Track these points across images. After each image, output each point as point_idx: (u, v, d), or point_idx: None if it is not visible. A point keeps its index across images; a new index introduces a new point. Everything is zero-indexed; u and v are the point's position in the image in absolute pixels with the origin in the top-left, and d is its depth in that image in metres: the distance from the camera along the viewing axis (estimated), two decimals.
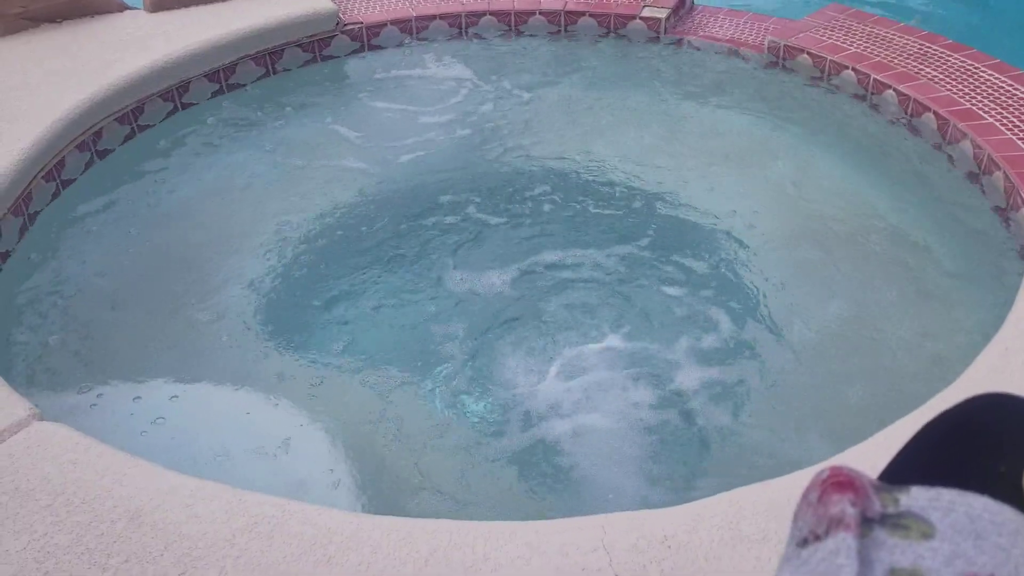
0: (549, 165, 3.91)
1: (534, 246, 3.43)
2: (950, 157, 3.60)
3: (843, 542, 0.58)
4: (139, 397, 2.72)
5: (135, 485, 1.99)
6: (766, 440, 2.55)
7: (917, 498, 0.62)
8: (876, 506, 0.61)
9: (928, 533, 0.59)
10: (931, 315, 2.96)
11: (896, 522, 0.61)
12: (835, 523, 0.60)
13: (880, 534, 0.60)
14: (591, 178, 3.82)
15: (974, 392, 0.81)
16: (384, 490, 2.42)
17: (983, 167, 3.41)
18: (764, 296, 3.12)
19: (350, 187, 3.79)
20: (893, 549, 0.59)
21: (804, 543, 0.62)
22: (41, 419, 2.22)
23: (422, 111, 4.30)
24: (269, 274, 3.31)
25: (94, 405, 2.67)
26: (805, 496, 0.65)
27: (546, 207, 3.65)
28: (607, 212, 3.61)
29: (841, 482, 0.63)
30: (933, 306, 3.00)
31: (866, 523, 0.61)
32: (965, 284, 3.07)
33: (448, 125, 4.20)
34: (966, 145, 3.52)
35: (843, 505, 0.61)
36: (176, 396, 2.74)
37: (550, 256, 3.37)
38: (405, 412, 2.71)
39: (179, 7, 4.53)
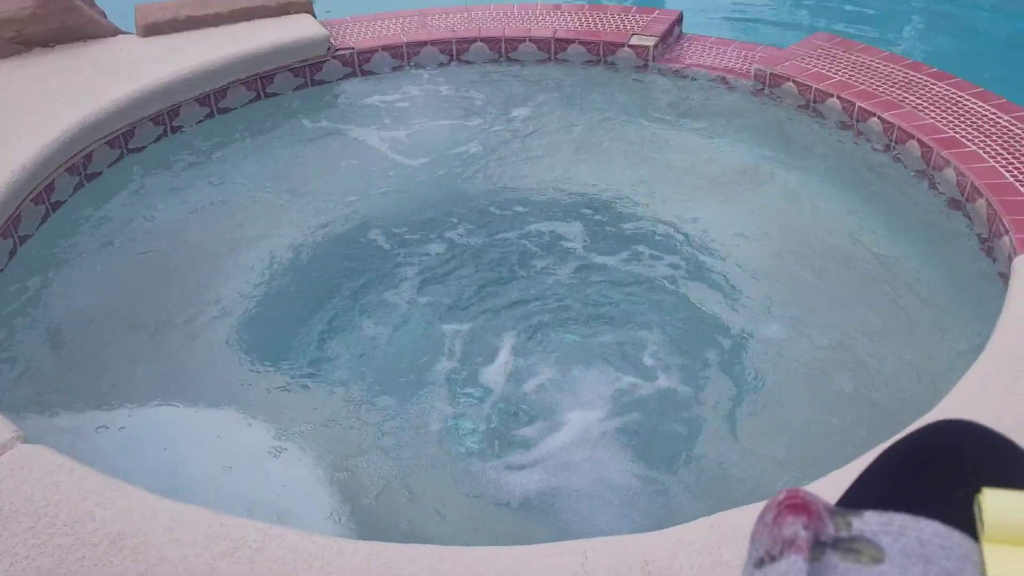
0: (537, 192, 3.94)
1: (522, 274, 3.45)
2: (934, 184, 3.63)
3: (794, 564, 0.59)
4: (123, 419, 2.72)
5: (117, 508, 1.99)
6: (747, 464, 2.56)
7: (869, 522, 0.63)
8: (830, 529, 0.62)
9: (878, 557, 0.60)
10: (914, 340, 2.99)
11: (848, 546, 0.62)
12: (788, 545, 0.61)
13: (832, 558, 0.60)
14: (579, 204, 3.84)
15: (953, 416, 0.82)
16: (366, 515, 2.41)
17: (966, 194, 3.45)
18: (748, 320, 3.14)
19: (337, 211, 3.81)
20: (844, 573, 0.59)
21: (760, 564, 0.62)
22: (25, 441, 2.22)
23: (411, 136, 4.33)
24: (255, 297, 3.32)
25: (78, 427, 2.66)
26: (761, 517, 0.66)
27: (534, 234, 3.68)
28: (592, 238, 3.63)
29: (796, 504, 0.63)
30: (916, 331, 3.03)
31: (819, 546, 0.61)
32: (948, 310, 3.10)
33: (437, 151, 4.22)
34: (949, 172, 3.55)
35: (796, 527, 0.61)
36: (160, 418, 2.74)
37: (537, 282, 3.39)
38: (388, 437, 2.71)
39: (171, 32, 4.57)
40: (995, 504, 0.64)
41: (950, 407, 2.25)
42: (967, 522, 0.66)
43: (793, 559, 0.59)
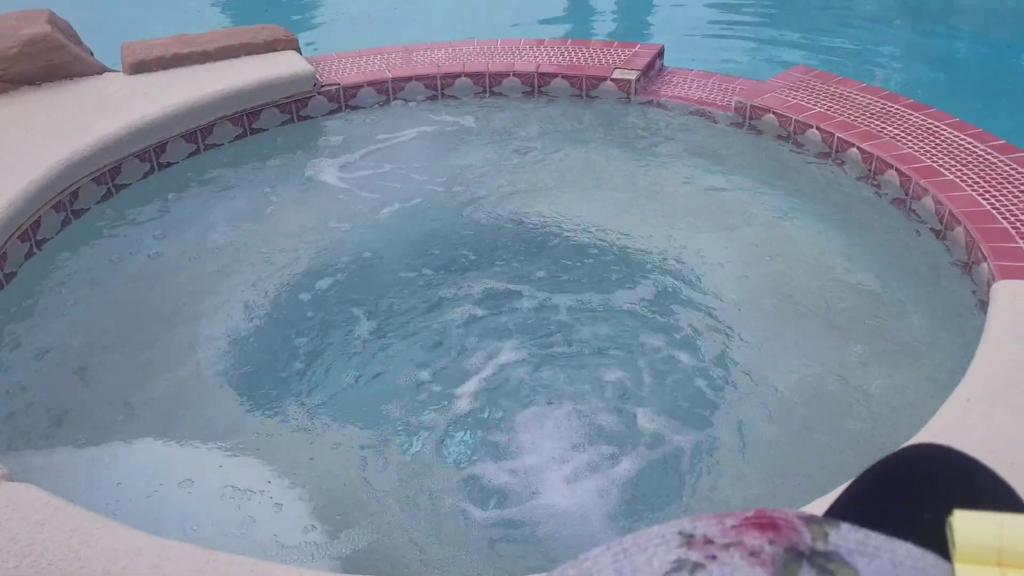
0: (521, 226, 3.97)
1: (508, 308, 3.46)
2: (912, 213, 3.69)
3: None
4: (108, 456, 2.71)
5: (102, 546, 1.98)
6: (734, 496, 2.57)
7: (847, 538, 0.64)
8: (806, 538, 0.62)
9: None
10: (894, 368, 3.01)
11: (823, 565, 0.62)
12: (752, 554, 0.60)
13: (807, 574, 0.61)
14: (562, 238, 3.87)
15: (933, 441, 0.84)
16: (355, 549, 2.41)
17: (945, 223, 3.50)
18: (732, 353, 3.16)
19: (324, 248, 3.82)
20: None
21: (689, 545, 0.61)
22: (9, 479, 2.21)
23: (397, 171, 4.36)
24: (242, 334, 3.32)
25: (63, 465, 2.65)
26: (721, 517, 0.64)
27: (519, 268, 3.70)
28: (575, 271, 3.66)
29: (762, 524, 0.63)
30: (896, 359, 3.05)
31: (797, 557, 0.61)
32: (929, 337, 3.13)
33: (421, 185, 4.26)
34: (928, 201, 3.61)
35: (762, 542, 0.61)
36: (146, 455, 2.73)
37: (523, 316, 3.41)
38: (378, 471, 2.71)
39: (158, 69, 4.60)
40: (965, 525, 0.66)
41: (932, 433, 2.27)
42: (940, 543, 0.68)
43: (759, 572, 0.59)
